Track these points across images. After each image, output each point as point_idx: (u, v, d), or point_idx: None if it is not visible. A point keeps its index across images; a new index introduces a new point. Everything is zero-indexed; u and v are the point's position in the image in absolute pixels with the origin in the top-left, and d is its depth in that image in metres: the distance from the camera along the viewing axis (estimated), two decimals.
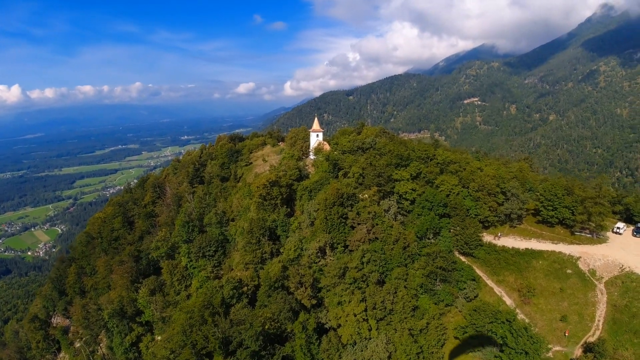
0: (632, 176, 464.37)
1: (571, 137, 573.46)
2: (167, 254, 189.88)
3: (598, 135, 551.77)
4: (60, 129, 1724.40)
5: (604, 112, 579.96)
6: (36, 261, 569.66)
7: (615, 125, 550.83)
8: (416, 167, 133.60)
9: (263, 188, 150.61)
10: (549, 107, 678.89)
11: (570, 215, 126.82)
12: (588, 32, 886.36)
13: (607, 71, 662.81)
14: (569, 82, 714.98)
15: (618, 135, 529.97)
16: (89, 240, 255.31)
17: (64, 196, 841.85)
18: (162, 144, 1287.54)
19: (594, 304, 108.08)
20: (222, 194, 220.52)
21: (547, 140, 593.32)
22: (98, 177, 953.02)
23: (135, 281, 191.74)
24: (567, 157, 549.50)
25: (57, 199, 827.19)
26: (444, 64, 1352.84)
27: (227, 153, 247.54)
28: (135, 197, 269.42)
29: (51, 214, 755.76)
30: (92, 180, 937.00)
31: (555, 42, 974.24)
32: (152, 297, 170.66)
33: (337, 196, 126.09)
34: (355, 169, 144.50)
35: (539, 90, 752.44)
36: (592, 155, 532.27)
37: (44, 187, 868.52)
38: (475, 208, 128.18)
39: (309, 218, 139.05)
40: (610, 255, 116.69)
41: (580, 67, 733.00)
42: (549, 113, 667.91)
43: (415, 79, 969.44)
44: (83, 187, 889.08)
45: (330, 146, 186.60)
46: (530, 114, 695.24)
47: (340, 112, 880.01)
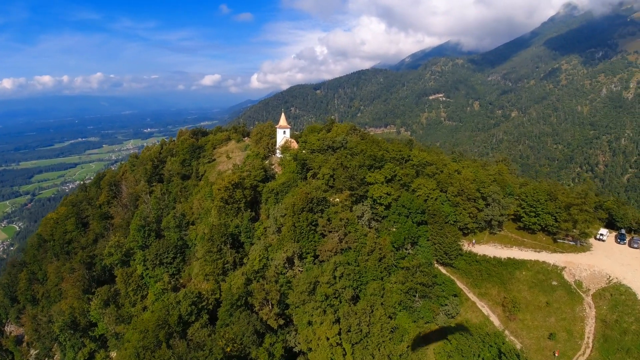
0: (592, 171, 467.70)
1: (532, 133, 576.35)
2: (121, 261, 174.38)
3: (559, 131, 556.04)
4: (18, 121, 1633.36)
5: (565, 110, 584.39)
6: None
7: (576, 122, 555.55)
8: (391, 170, 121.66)
9: (225, 191, 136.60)
10: (511, 103, 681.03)
11: (554, 222, 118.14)
12: (551, 31, 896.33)
13: (569, 69, 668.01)
14: (531, 79, 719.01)
15: (578, 131, 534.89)
16: (41, 243, 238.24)
17: (22, 192, 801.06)
18: (123, 137, 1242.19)
19: (582, 319, 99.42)
20: (183, 193, 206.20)
21: (509, 136, 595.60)
22: (57, 172, 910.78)
23: (88, 290, 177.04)
24: (528, 153, 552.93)
25: (15, 195, 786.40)
26: (410, 60, 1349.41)
27: (188, 149, 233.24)
28: (89, 197, 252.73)
29: (8, 210, 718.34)
30: (50, 174, 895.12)
31: (519, 41, 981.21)
32: (106, 309, 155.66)
33: (306, 201, 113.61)
34: (325, 169, 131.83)
35: (502, 87, 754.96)
36: (553, 151, 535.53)
37: (1, 183, 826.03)
38: (454, 214, 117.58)
39: (275, 224, 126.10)
40: (596, 265, 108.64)
41: (542, 65, 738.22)
42: (511, 110, 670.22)
43: (382, 74, 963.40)
44: (41, 182, 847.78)
45: (298, 144, 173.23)
46: (493, 111, 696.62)
47: (307, 106, 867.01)
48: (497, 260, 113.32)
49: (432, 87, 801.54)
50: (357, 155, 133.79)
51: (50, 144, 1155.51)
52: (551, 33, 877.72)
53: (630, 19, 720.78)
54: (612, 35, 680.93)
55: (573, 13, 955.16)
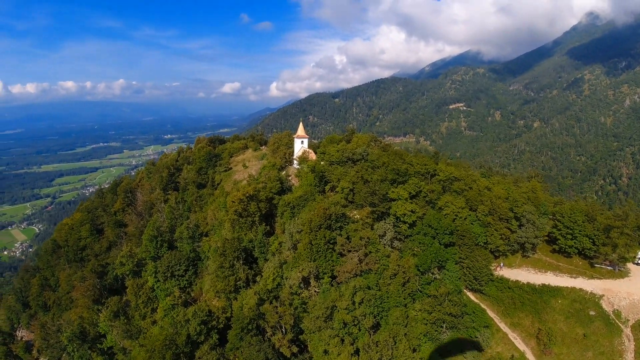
0: (615, 184, 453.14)
1: (555, 145, 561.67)
2: (133, 272, 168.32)
3: (582, 143, 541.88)
4: (40, 125, 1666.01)
5: (588, 120, 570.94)
6: (12, 261, 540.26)
7: (599, 133, 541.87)
8: (415, 185, 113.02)
9: (239, 203, 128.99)
10: (534, 114, 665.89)
11: (591, 245, 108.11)
12: (573, 40, 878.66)
13: (592, 80, 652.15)
14: (553, 89, 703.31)
15: (602, 143, 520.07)
16: (55, 248, 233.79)
17: (42, 194, 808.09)
18: (144, 143, 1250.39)
19: (621, 354, 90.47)
20: (198, 202, 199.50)
21: (531, 147, 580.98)
22: (78, 175, 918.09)
23: (98, 300, 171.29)
24: (550, 164, 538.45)
25: (35, 197, 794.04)
26: (430, 69, 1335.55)
27: (205, 157, 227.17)
28: (105, 203, 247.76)
29: (29, 212, 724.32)
30: (71, 178, 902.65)
31: (541, 50, 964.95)
32: (115, 321, 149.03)
33: (324, 217, 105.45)
34: (345, 183, 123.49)
35: (524, 97, 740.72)
36: (576, 163, 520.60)
37: (22, 185, 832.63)
38: (484, 235, 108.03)
39: (290, 240, 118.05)
40: (635, 294, 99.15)
41: (564, 75, 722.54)
42: (534, 120, 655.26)
43: (401, 83, 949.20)
44: (62, 186, 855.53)
45: (316, 155, 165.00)
46: (514, 121, 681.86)
47: (326, 114, 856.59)
48: (530, 287, 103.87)
49: (453, 96, 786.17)
50: (378, 169, 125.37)
51: (72, 148, 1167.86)
52: (573, 42, 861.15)
53: None
54: (636, 45, 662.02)
55: (595, 22, 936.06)
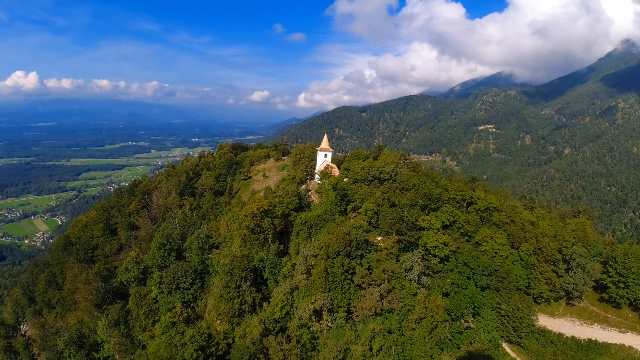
0: None
1: (585, 173, 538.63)
2: (138, 279, 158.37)
3: (613, 173, 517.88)
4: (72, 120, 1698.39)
5: (620, 150, 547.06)
6: (32, 250, 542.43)
7: (631, 164, 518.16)
8: (450, 213, 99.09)
9: (252, 218, 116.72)
10: (565, 140, 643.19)
11: None
12: (608, 67, 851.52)
13: (626, 108, 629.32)
14: (586, 116, 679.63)
15: (633, 174, 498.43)
16: (67, 245, 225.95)
17: (68, 187, 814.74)
18: (172, 144, 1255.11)
19: None
20: (213, 210, 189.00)
21: (561, 174, 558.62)
22: (104, 172, 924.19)
23: (101, 304, 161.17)
24: (580, 193, 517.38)
25: (61, 190, 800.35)
26: (460, 89, 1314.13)
27: (225, 163, 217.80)
28: (121, 203, 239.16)
29: (53, 204, 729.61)
30: (98, 174, 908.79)
31: (574, 75, 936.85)
32: (113, 331, 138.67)
33: (343, 243, 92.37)
34: (369, 205, 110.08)
35: (555, 122, 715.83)
36: (606, 193, 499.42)
37: (50, 177, 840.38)
38: (526, 278, 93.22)
39: (304, 263, 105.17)
40: None
41: (598, 102, 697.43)
42: (564, 146, 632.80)
43: (430, 100, 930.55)
44: (88, 180, 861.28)
45: (339, 171, 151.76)
46: (545, 146, 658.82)
47: (352, 127, 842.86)
48: (575, 342, 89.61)
49: (482, 118, 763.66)
50: (408, 191, 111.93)
51: (101, 145, 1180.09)
52: (608, 69, 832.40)
53: None
54: None
55: (631, 50, 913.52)
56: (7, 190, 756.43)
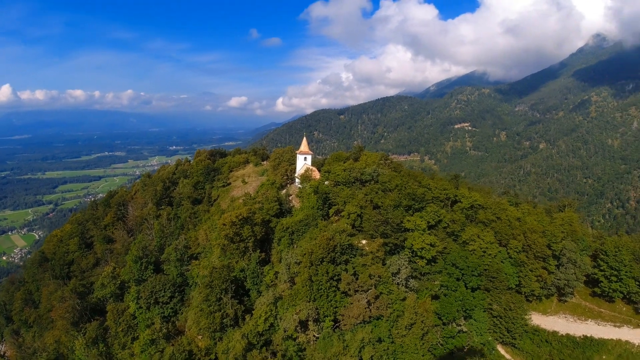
0: (622, 207, 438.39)
1: (561, 167, 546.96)
2: (115, 295, 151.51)
3: (589, 165, 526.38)
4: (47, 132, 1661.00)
5: (595, 143, 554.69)
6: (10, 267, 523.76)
7: (607, 156, 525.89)
8: (435, 213, 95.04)
9: (230, 226, 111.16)
10: (540, 135, 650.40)
11: (638, 289, 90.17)
12: (580, 62, 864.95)
13: (599, 101, 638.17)
14: (559, 111, 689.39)
15: (609, 166, 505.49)
16: (42, 261, 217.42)
17: (45, 201, 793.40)
18: (149, 153, 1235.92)
19: None
20: (192, 220, 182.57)
21: (537, 169, 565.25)
22: (81, 183, 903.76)
23: (78, 322, 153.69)
24: (557, 187, 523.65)
25: (38, 204, 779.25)
26: (435, 89, 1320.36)
27: (203, 171, 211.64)
28: (96, 216, 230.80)
29: (30, 218, 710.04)
30: (75, 186, 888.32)
31: (547, 71, 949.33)
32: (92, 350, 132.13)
33: (327, 249, 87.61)
34: (352, 207, 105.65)
35: (530, 118, 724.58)
36: (583, 185, 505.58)
37: (26, 190, 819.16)
38: (516, 276, 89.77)
39: (287, 272, 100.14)
40: None
41: (571, 97, 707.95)
42: (540, 141, 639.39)
43: (407, 101, 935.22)
44: (65, 193, 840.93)
45: (320, 174, 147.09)
46: (520, 142, 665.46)
47: (331, 130, 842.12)
48: (571, 340, 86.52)
49: (458, 116, 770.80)
50: (390, 192, 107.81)
51: (77, 156, 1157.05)
52: (580, 64, 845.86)
53: None
54: None
55: (602, 44, 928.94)
56: None
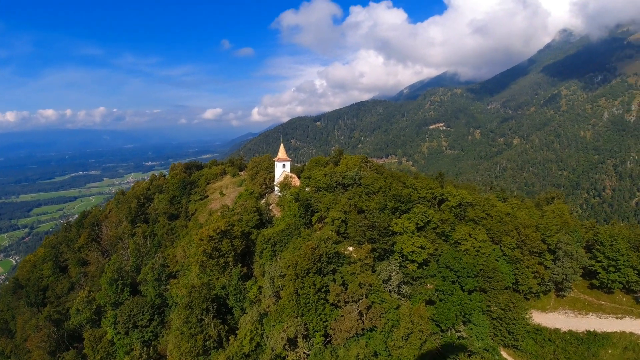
0: (599, 197, 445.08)
1: (536, 160, 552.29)
2: (91, 320, 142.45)
3: (563, 157, 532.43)
4: (19, 154, 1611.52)
5: (568, 135, 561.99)
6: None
7: (580, 147, 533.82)
8: (423, 214, 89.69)
9: (208, 241, 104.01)
10: (513, 131, 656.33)
11: (637, 278, 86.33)
12: (548, 58, 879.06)
13: (569, 95, 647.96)
14: (531, 106, 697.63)
15: (583, 157, 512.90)
16: (16, 288, 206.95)
17: (20, 225, 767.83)
18: (124, 170, 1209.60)
19: None
20: (169, 236, 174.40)
21: (513, 164, 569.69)
22: (56, 205, 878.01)
23: (55, 351, 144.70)
24: (533, 180, 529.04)
25: (13, 228, 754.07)
26: (409, 91, 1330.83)
27: (178, 185, 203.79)
28: (69, 238, 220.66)
29: (5, 243, 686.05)
30: (50, 208, 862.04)
31: (516, 69, 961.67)
32: None
33: (312, 259, 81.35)
34: (335, 213, 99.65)
35: (502, 115, 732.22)
36: (559, 178, 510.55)
37: None
38: (512, 274, 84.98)
39: (272, 286, 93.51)
40: None
41: (541, 92, 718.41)
42: (513, 137, 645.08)
43: (381, 105, 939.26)
44: (40, 216, 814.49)
45: (300, 180, 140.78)
46: (494, 139, 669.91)
47: (308, 137, 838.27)
48: (574, 336, 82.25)
49: (432, 117, 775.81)
50: (374, 195, 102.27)
51: (51, 177, 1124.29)
52: (548, 60, 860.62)
53: (627, 42, 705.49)
54: (610, 59, 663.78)
55: (569, 39, 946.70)
56: None
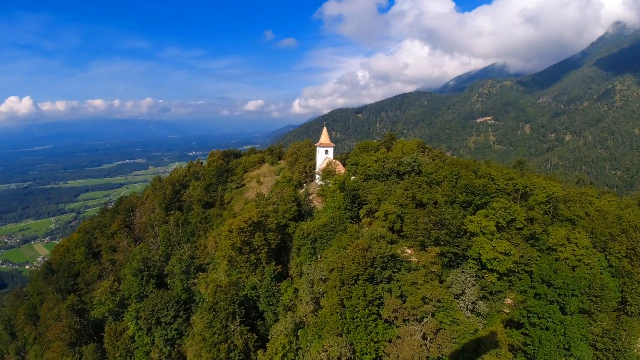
0: None
1: (589, 158, 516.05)
2: (115, 312, 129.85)
3: (616, 156, 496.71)
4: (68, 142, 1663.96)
5: (622, 132, 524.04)
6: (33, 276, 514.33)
7: (634, 146, 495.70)
8: (505, 210, 69.77)
9: (238, 234, 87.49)
10: (565, 127, 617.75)
11: None
12: (601, 51, 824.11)
13: (623, 90, 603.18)
14: (584, 101, 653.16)
15: (637, 156, 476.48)
16: (47, 273, 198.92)
17: (67, 209, 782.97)
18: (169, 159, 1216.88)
19: None
20: (202, 225, 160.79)
21: (564, 162, 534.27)
22: (103, 191, 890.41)
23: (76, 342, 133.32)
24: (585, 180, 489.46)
25: (60, 212, 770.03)
26: (455, 83, 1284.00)
27: (215, 172, 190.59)
28: (103, 223, 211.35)
29: (53, 227, 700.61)
30: (96, 193, 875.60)
31: (568, 61, 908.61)
32: None
33: (363, 263, 63.29)
34: (389, 206, 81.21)
35: (554, 109, 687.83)
36: (612, 177, 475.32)
37: (48, 200, 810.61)
38: (619, 291, 64.36)
39: (310, 291, 76.17)
40: None
41: (594, 86, 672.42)
42: (565, 133, 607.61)
43: (426, 97, 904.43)
44: (87, 201, 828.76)
45: (345, 168, 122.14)
46: (545, 134, 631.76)
47: (348, 130, 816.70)
48: None
49: (480, 110, 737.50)
50: (437, 185, 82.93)
51: (98, 165, 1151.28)
52: (602, 53, 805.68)
53: None
54: None
55: (623, 32, 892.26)
56: (5, 217, 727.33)
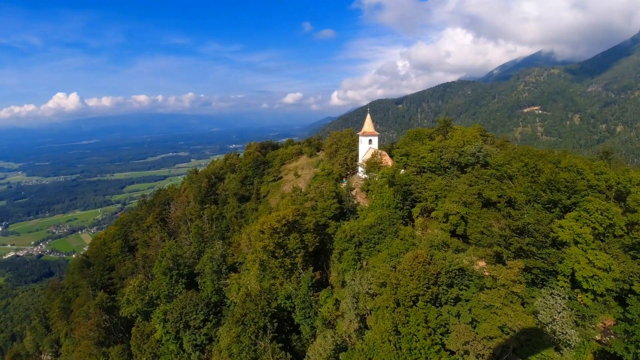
0: None
1: None
2: (143, 312, 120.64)
3: None
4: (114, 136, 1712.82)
5: None
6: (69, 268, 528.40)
7: None
8: (602, 213, 54.40)
9: (271, 235, 75.00)
10: (616, 117, 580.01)
11: None
12: None
13: None
14: (635, 90, 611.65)
15: None
16: (84, 266, 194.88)
17: (113, 201, 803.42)
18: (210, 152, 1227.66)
19: None
20: (237, 220, 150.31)
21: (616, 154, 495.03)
22: (147, 183, 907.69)
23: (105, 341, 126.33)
24: None
25: (107, 203, 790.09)
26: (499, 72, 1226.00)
27: (251, 164, 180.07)
28: (140, 216, 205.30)
29: (99, 217, 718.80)
30: (141, 185, 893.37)
31: (619, 48, 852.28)
32: None
33: (425, 280, 49.30)
34: (450, 205, 66.65)
35: (604, 98, 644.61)
36: None
37: (95, 192, 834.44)
38: None
39: (354, 307, 62.79)
40: None
41: None
42: (616, 124, 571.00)
43: (469, 86, 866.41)
44: (132, 193, 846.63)
45: (393, 159, 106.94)
46: (595, 125, 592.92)
47: (388, 121, 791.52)
48: None
49: (526, 99, 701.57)
50: (510, 180, 67.69)
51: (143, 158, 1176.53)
52: None
53: None
54: None
55: None
56: (54, 208, 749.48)
